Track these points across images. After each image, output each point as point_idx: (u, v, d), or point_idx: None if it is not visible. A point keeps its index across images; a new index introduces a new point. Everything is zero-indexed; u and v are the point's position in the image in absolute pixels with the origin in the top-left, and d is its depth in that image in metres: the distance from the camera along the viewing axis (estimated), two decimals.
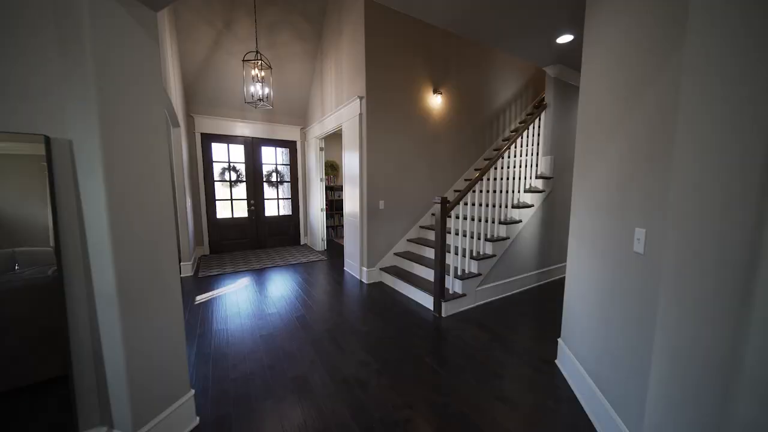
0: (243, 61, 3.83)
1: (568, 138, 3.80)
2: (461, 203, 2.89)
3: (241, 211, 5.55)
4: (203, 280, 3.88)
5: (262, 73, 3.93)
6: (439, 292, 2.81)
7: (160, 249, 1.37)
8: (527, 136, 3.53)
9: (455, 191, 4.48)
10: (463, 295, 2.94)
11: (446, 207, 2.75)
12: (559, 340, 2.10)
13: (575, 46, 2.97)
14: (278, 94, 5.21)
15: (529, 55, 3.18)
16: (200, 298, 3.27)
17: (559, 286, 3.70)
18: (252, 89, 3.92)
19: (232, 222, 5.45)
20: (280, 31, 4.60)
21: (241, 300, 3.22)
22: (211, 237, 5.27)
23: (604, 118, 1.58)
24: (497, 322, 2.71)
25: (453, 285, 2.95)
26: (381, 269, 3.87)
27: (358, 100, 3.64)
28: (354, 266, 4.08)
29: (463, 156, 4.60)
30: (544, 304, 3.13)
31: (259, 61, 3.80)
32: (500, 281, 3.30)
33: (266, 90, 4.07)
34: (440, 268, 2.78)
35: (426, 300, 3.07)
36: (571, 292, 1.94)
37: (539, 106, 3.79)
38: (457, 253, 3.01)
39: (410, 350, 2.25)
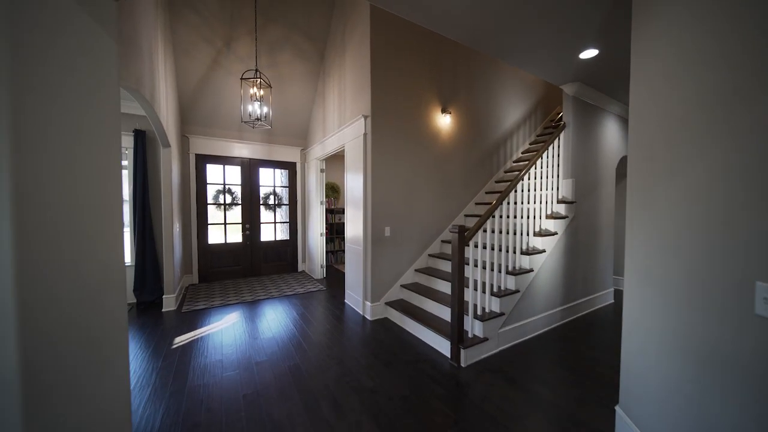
0: (241, 79, 3.63)
1: (589, 160, 3.53)
2: (480, 230, 2.54)
3: (236, 235, 5.19)
4: (186, 316, 3.44)
5: (261, 92, 3.71)
6: (458, 336, 2.40)
7: (100, 310, 1.00)
8: (547, 158, 3.24)
9: (466, 216, 4.15)
10: (485, 339, 2.52)
11: (464, 237, 2.40)
12: (617, 408, 1.67)
13: (597, 62, 2.75)
14: (278, 114, 5.02)
15: (548, 72, 2.96)
16: (180, 340, 2.83)
17: (587, 324, 3.27)
18: (250, 108, 3.69)
19: (225, 248, 5.07)
20: (282, 51, 4.46)
21: (227, 343, 2.79)
22: (201, 264, 4.87)
23: (680, 134, 1.26)
24: (528, 375, 2.27)
25: (473, 327, 2.54)
26: (386, 304, 3.46)
27: (363, 119, 3.40)
28: (356, 299, 3.67)
29: (474, 179, 4.31)
30: (577, 349, 2.70)
31: (259, 80, 3.60)
32: (524, 320, 2.89)
33: (265, 109, 3.84)
34: (458, 308, 2.38)
35: (440, 344, 2.64)
36: (634, 348, 1.55)
37: (556, 126, 3.56)
38: (476, 289, 2.62)
39: (428, 418, 1.82)
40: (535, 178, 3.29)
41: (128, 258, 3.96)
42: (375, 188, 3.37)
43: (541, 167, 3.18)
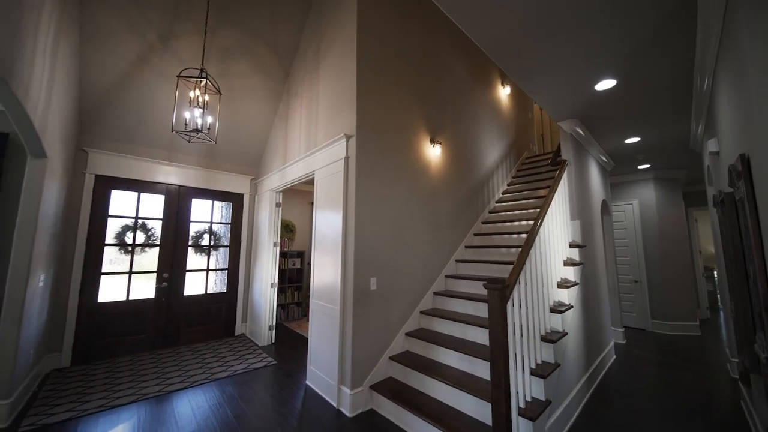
0: (178, 77, 2.71)
1: (586, 201, 3.30)
2: (516, 284, 1.88)
3: (146, 288, 3.72)
4: None
5: (207, 97, 2.83)
6: None
7: None
8: (556, 201, 2.85)
9: (457, 261, 3.52)
10: None
11: (506, 295, 1.70)
12: None
13: (608, 96, 2.58)
14: (226, 133, 4.06)
15: (558, 100, 2.70)
16: None
17: (612, 393, 2.69)
18: (187, 115, 2.74)
19: (126, 306, 3.55)
20: (237, 60, 3.69)
21: None
22: (80, 334, 3.25)
23: None
24: None
25: (518, 430, 1.72)
26: (371, 387, 2.46)
27: (344, 139, 2.69)
28: (326, 383, 2.58)
29: (463, 218, 3.79)
30: None
31: (204, 80, 2.73)
32: (564, 403, 2.18)
33: (209, 119, 2.92)
34: (505, 406, 1.57)
35: None
36: None
37: (555, 164, 3.32)
38: (516, 368, 1.84)
39: None
40: (542, 219, 2.86)
41: None
42: (359, 226, 2.56)
43: (554, 206, 2.78)
